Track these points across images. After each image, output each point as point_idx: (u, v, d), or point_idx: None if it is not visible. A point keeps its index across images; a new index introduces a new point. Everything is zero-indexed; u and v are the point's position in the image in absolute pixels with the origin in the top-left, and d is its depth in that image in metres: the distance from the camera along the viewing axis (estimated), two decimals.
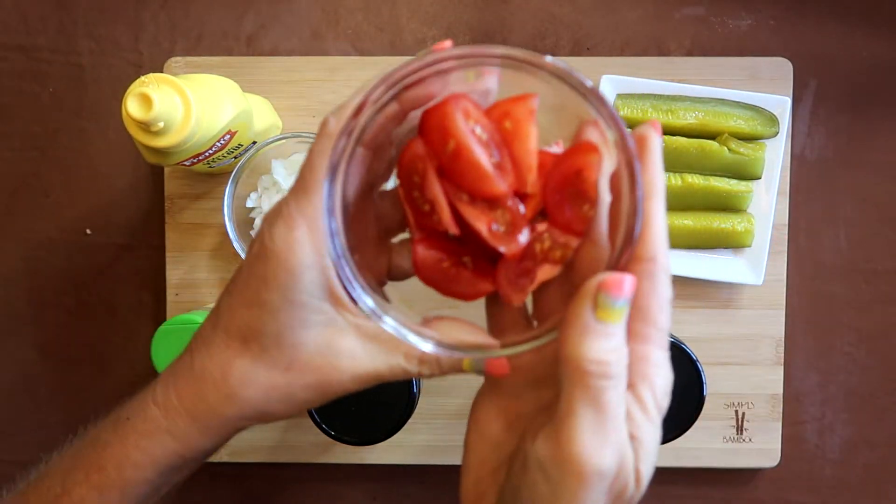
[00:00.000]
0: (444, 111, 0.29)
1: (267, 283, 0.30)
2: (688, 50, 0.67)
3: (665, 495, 0.69)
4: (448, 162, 0.29)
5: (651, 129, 0.29)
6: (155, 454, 0.34)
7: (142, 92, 0.48)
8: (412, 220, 0.31)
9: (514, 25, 0.67)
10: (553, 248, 0.30)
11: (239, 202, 0.63)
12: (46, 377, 0.69)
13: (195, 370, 0.33)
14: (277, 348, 0.31)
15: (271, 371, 0.32)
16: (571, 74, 0.28)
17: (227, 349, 0.32)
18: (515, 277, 0.31)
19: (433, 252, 0.31)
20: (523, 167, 0.30)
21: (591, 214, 0.30)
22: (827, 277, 0.68)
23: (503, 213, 0.30)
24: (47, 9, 0.67)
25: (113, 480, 0.34)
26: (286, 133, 0.62)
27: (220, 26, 0.67)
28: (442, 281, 0.31)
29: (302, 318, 0.31)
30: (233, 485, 0.69)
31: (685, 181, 0.64)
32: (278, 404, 0.32)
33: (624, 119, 0.63)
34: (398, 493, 0.70)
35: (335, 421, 0.55)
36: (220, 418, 0.33)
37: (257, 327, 0.31)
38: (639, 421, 0.29)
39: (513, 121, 0.30)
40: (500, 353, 0.30)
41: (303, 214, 0.30)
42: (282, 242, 0.30)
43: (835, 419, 0.68)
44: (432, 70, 0.28)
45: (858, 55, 0.67)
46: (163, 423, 0.33)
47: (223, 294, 0.33)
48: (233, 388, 0.32)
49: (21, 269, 0.69)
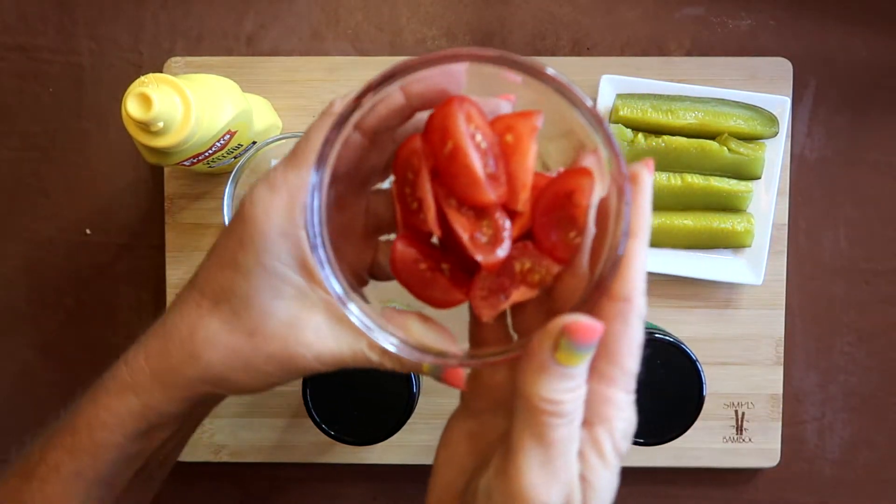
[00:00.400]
0: (447, 111, 0.29)
1: (243, 244, 0.30)
2: (688, 50, 0.67)
3: (665, 495, 0.69)
4: (444, 163, 0.29)
5: (644, 169, 0.29)
6: (120, 413, 0.34)
7: (142, 92, 0.48)
8: (399, 216, 0.31)
9: (514, 25, 0.67)
10: (533, 270, 0.30)
11: (239, 202, 0.63)
12: (46, 377, 0.69)
13: (166, 328, 0.33)
14: (246, 311, 0.31)
15: (236, 334, 0.31)
16: (572, 90, 0.28)
17: (199, 308, 0.32)
18: (489, 293, 0.30)
19: (412, 251, 0.31)
20: (518, 183, 0.30)
21: (577, 242, 0.30)
22: (827, 277, 0.68)
23: (488, 225, 0.30)
24: (47, 9, 0.67)
25: (84, 443, 0.34)
26: (286, 133, 0.62)
27: (220, 26, 0.67)
28: (417, 283, 0.31)
29: (273, 284, 0.31)
30: (233, 485, 0.69)
31: (685, 181, 0.64)
32: (240, 372, 0.32)
33: (624, 119, 0.63)
34: (398, 493, 0.70)
35: (335, 421, 0.55)
36: (182, 378, 0.33)
37: (229, 288, 0.31)
38: (592, 463, 0.28)
39: (515, 135, 0.30)
40: (457, 364, 0.29)
41: (287, 183, 0.30)
42: (261, 206, 0.30)
43: (835, 419, 0.68)
44: (438, 66, 0.28)
45: (858, 55, 0.67)
46: (128, 381, 0.34)
47: (206, 255, 0.33)
48: (196, 347, 0.32)
49: (21, 269, 0.69)
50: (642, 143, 0.63)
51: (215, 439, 0.67)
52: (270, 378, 0.32)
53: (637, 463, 0.66)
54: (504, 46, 0.67)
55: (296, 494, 0.70)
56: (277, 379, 0.32)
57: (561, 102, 0.28)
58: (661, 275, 0.65)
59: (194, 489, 0.69)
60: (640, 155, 0.63)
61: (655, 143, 0.63)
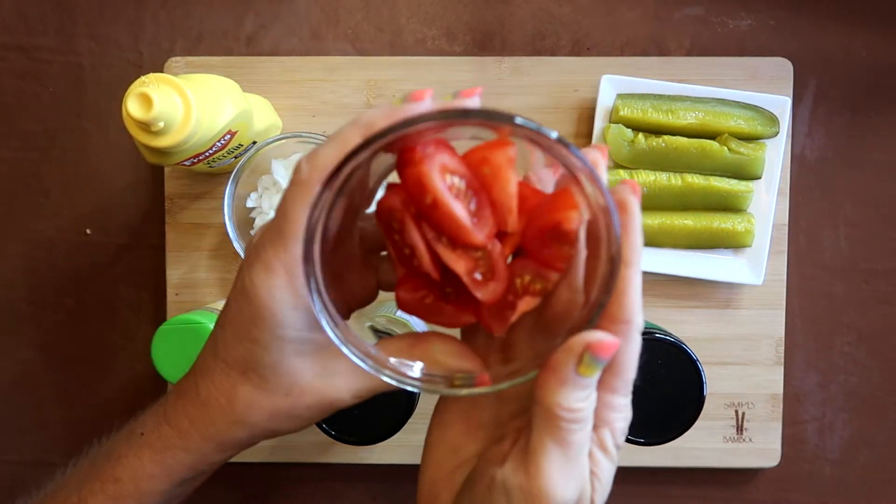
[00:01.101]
0: (420, 170, 0.29)
1: (255, 322, 0.32)
2: (688, 50, 0.67)
3: (665, 495, 0.69)
4: (427, 212, 0.30)
5: (629, 194, 0.30)
6: (170, 467, 0.35)
7: (142, 92, 0.48)
8: (395, 257, 0.32)
9: (513, 25, 0.67)
10: (533, 280, 0.31)
11: (239, 202, 0.63)
12: (46, 377, 0.69)
13: (202, 397, 0.34)
14: (275, 377, 0.33)
15: (273, 397, 0.33)
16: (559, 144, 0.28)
17: (228, 378, 0.33)
18: (497, 310, 0.32)
19: (415, 294, 0.32)
20: (503, 209, 0.30)
21: (572, 253, 0.31)
22: (827, 277, 0.68)
23: (483, 255, 0.31)
24: (47, 9, 0.67)
25: (129, 491, 0.35)
26: (286, 133, 0.62)
27: (220, 26, 0.67)
28: (426, 314, 0.33)
29: (294, 348, 0.32)
30: (233, 485, 0.69)
31: (685, 181, 0.64)
32: (285, 423, 0.34)
33: (624, 119, 0.63)
34: (398, 493, 0.70)
35: (335, 421, 0.55)
36: (233, 439, 0.34)
37: (253, 360, 0.32)
38: (598, 459, 0.32)
39: (491, 167, 0.30)
40: (484, 391, 0.31)
41: (282, 263, 0.31)
42: (263, 288, 0.31)
43: (835, 419, 0.68)
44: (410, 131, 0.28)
45: (858, 55, 0.67)
46: (178, 442, 0.35)
47: (218, 325, 0.34)
48: (239, 415, 0.33)
49: (21, 269, 0.69)
50: (642, 143, 0.63)
51: None
52: (315, 419, 0.34)
53: (637, 463, 0.66)
54: (504, 46, 0.67)
55: (296, 494, 0.70)
56: (321, 418, 0.34)
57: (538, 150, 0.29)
58: (661, 275, 0.65)
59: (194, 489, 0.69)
60: (640, 155, 0.63)
61: (655, 143, 0.63)
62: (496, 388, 0.31)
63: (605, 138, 0.64)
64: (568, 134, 0.66)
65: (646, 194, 0.64)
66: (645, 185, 0.63)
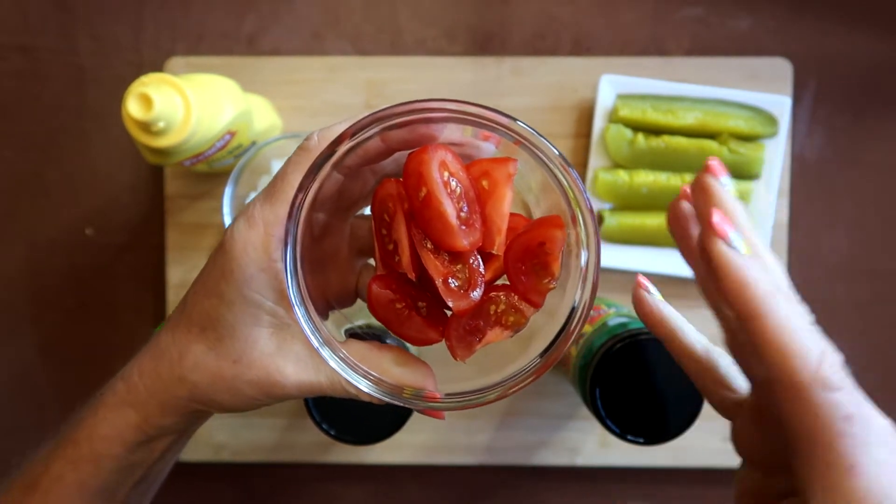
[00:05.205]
0: (421, 158, 0.29)
1: (224, 276, 0.32)
2: (687, 50, 0.67)
3: (665, 495, 0.69)
4: (418, 207, 0.30)
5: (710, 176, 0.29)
6: (119, 426, 0.35)
7: (142, 92, 0.48)
8: (378, 255, 0.32)
9: (513, 25, 0.67)
10: (507, 312, 0.31)
11: (239, 202, 0.63)
12: (46, 377, 0.69)
13: (160, 348, 0.34)
14: (230, 339, 0.33)
15: (221, 360, 0.33)
16: (560, 162, 0.28)
17: (188, 333, 0.34)
18: (465, 334, 0.31)
19: (388, 292, 0.32)
20: (493, 229, 0.30)
21: (550, 287, 0.30)
22: (827, 277, 0.68)
23: (462, 269, 0.30)
24: (47, 9, 0.67)
25: (85, 454, 0.35)
26: (286, 133, 0.62)
27: (221, 26, 0.67)
28: (394, 321, 0.32)
29: (255, 314, 0.32)
30: (233, 485, 0.69)
31: (685, 181, 0.64)
32: (224, 394, 0.33)
33: (624, 119, 0.63)
34: (398, 493, 0.70)
35: (335, 421, 0.55)
36: (174, 397, 0.34)
37: (214, 317, 0.33)
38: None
39: (490, 181, 0.30)
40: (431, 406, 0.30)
41: (264, 219, 0.31)
42: (240, 241, 0.31)
43: None
44: (418, 116, 0.29)
45: (858, 55, 0.67)
46: (126, 397, 0.35)
47: (194, 281, 0.34)
48: (184, 371, 0.33)
49: (21, 269, 0.69)
50: (642, 143, 0.63)
51: (216, 439, 0.67)
52: (254, 401, 0.34)
53: (637, 463, 0.66)
54: (504, 47, 0.67)
55: (296, 494, 0.70)
56: (261, 402, 0.34)
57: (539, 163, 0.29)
58: (661, 275, 0.65)
59: (194, 489, 0.69)
60: (639, 155, 0.63)
61: (655, 143, 0.63)
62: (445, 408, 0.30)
63: (604, 138, 0.64)
64: (568, 134, 0.66)
65: (645, 194, 0.64)
66: (644, 185, 0.63)
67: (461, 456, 0.67)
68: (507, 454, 0.67)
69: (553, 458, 0.67)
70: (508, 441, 0.67)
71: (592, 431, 0.67)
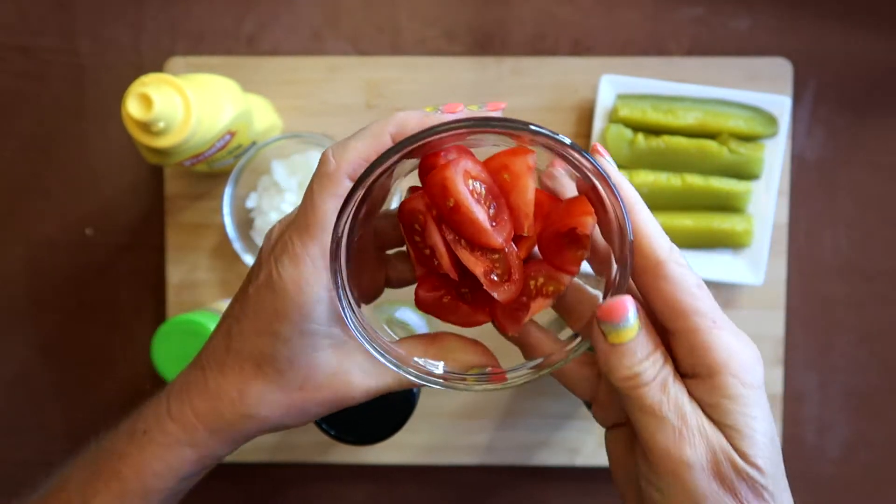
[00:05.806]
0: (445, 175, 0.30)
1: (279, 316, 0.32)
2: (687, 50, 0.67)
3: None
4: (448, 214, 0.31)
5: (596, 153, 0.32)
6: (174, 464, 0.35)
7: (142, 92, 0.48)
8: (414, 257, 0.33)
9: (513, 25, 0.67)
10: (546, 282, 0.33)
11: (239, 202, 0.63)
12: (46, 377, 0.69)
13: (210, 389, 0.34)
14: (291, 371, 0.33)
15: (286, 391, 0.33)
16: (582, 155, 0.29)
17: (242, 371, 0.34)
18: (511, 311, 0.33)
19: (433, 294, 0.34)
20: (521, 214, 0.32)
21: (584, 256, 0.32)
22: (827, 277, 0.68)
23: (500, 259, 0.32)
24: (47, 9, 0.67)
25: (134, 489, 0.35)
26: (286, 133, 0.62)
27: (221, 26, 0.67)
28: (442, 313, 0.34)
29: (313, 343, 0.32)
30: (233, 485, 0.69)
31: (685, 181, 0.64)
32: (296, 419, 0.34)
33: (624, 119, 0.63)
34: (398, 493, 0.70)
35: (335, 421, 0.55)
36: (239, 432, 0.35)
37: (270, 353, 0.33)
38: (725, 407, 0.29)
39: (511, 174, 0.31)
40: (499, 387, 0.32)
41: (308, 255, 0.31)
42: (290, 280, 0.31)
43: (834, 419, 0.68)
44: (439, 137, 0.30)
45: (858, 55, 0.67)
46: (182, 437, 0.35)
47: (232, 318, 0.34)
48: (250, 408, 0.34)
49: (21, 269, 0.69)
50: (642, 143, 0.63)
51: None
52: (322, 415, 0.35)
53: None
54: (504, 47, 0.67)
55: (296, 494, 0.70)
56: (328, 413, 0.35)
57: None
58: None
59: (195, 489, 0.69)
60: (640, 155, 0.63)
61: (655, 143, 0.63)
62: (511, 385, 0.32)
63: (604, 138, 0.64)
64: (568, 134, 0.66)
65: (645, 194, 0.64)
66: (644, 185, 0.63)
67: (461, 456, 0.67)
68: (507, 454, 0.67)
69: (553, 458, 0.67)
70: (508, 441, 0.67)
71: (592, 431, 0.67)
